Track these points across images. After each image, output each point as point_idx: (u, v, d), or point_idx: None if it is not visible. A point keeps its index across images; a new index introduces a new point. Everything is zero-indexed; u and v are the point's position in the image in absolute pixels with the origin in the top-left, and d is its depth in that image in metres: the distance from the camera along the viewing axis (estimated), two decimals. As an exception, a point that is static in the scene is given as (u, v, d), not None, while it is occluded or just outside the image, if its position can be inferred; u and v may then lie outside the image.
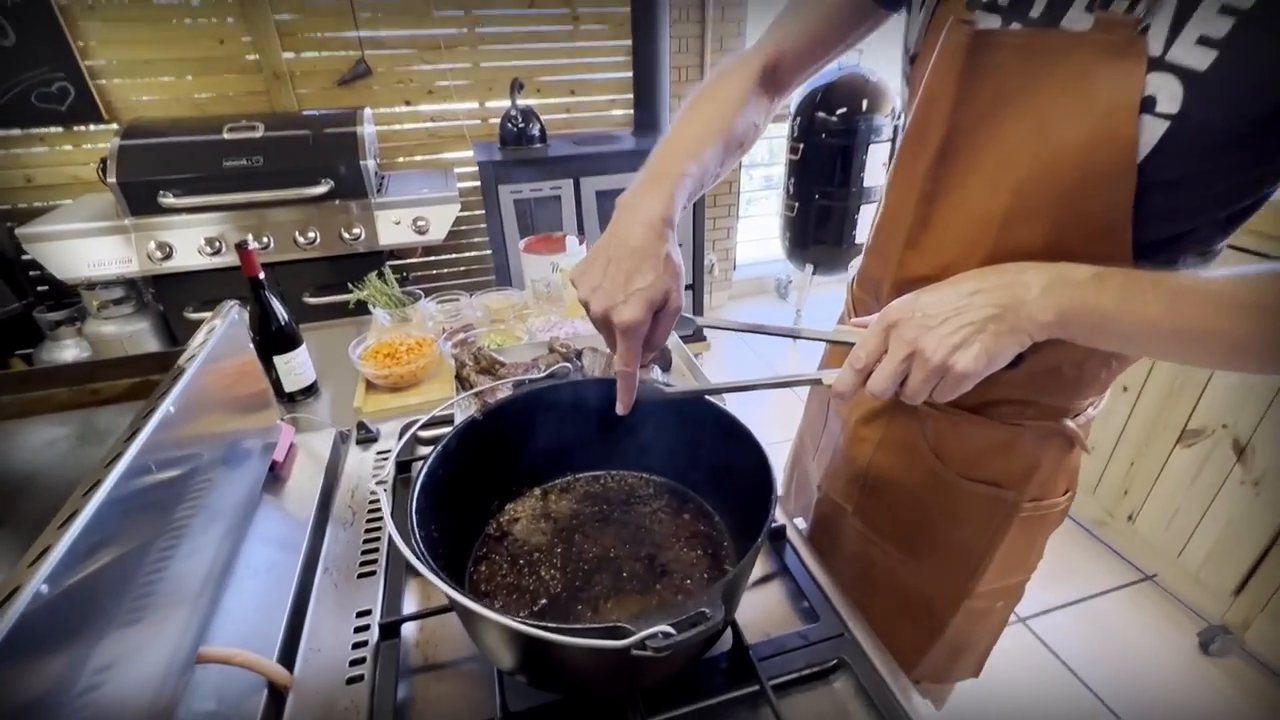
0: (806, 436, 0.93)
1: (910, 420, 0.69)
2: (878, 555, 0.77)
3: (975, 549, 0.70)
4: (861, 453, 0.75)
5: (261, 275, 1.03)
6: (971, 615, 0.75)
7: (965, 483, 0.66)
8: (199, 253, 1.94)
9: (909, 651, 0.79)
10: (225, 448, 0.68)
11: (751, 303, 3.49)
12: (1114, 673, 1.46)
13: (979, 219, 0.55)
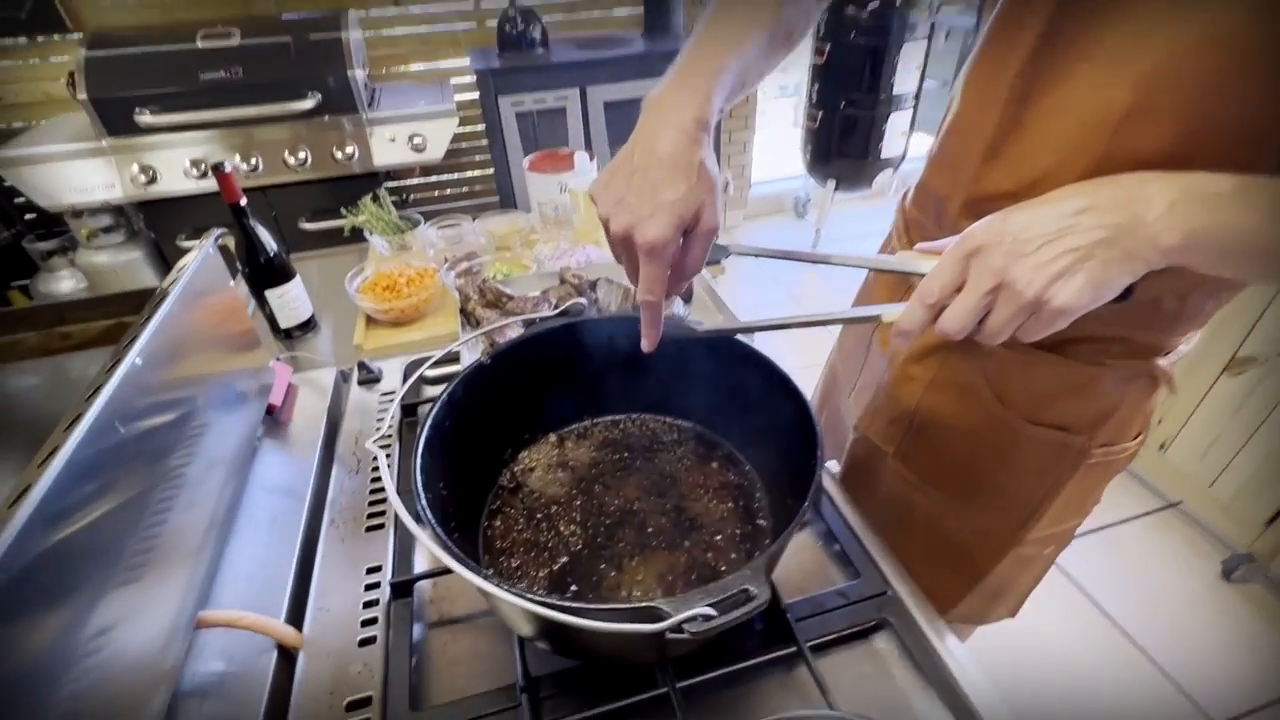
0: (840, 372, 0.86)
1: (969, 358, 0.61)
2: (919, 500, 0.72)
3: (1032, 497, 0.64)
4: (909, 393, 0.68)
5: (244, 201, 0.94)
6: (1017, 561, 0.71)
7: (1029, 427, 0.59)
8: (185, 176, 1.83)
9: (945, 595, 0.76)
10: (213, 393, 0.63)
11: (768, 222, 3.34)
12: (1132, 599, 1.46)
13: (1087, 121, 0.45)
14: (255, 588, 0.61)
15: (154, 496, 0.51)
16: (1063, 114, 0.47)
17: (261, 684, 0.53)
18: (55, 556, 0.39)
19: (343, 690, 0.52)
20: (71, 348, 0.63)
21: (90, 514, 0.43)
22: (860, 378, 0.78)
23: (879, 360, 0.73)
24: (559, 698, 0.51)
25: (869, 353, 0.76)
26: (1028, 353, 0.56)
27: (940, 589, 0.75)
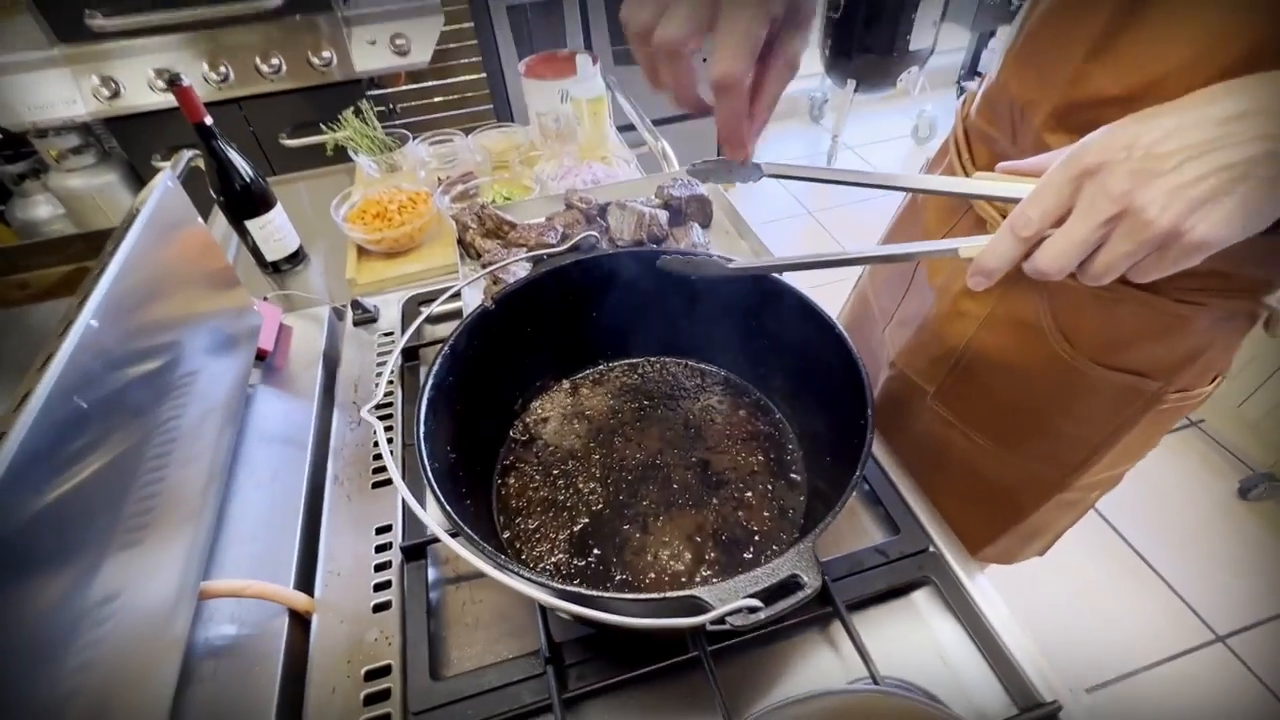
0: (875, 302, 0.79)
1: (1033, 294, 0.54)
2: (956, 442, 0.68)
3: (1087, 444, 0.59)
4: (958, 330, 0.61)
5: (209, 120, 0.84)
6: (1059, 506, 0.67)
7: (1098, 370, 0.53)
8: (151, 88, 1.67)
9: (977, 536, 0.73)
10: (193, 340, 0.57)
11: (780, 128, 3.13)
12: (1145, 516, 1.46)
13: (1235, 5, 0.36)
14: (260, 548, 0.58)
15: (143, 456, 0.47)
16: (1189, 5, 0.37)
17: (276, 650, 0.51)
18: (37, 528, 0.35)
19: (360, 659, 0.50)
20: (31, 299, 0.57)
21: (66, 486, 0.38)
22: (900, 310, 0.72)
23: (925, 292, 0.66)
24: (585, 664, 0.49)
25: (912, 283, 0.69)
26: (1109, 289, 0.49)
27: (972, 530, 0.72)
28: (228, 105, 1.74)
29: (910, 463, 0.74)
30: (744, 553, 0.52)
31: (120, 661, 0.40)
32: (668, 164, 1.05)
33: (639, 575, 0.50)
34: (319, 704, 0.48)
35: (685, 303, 0.63)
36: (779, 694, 0.48)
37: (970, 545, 0.74)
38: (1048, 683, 0.46)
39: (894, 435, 0.75)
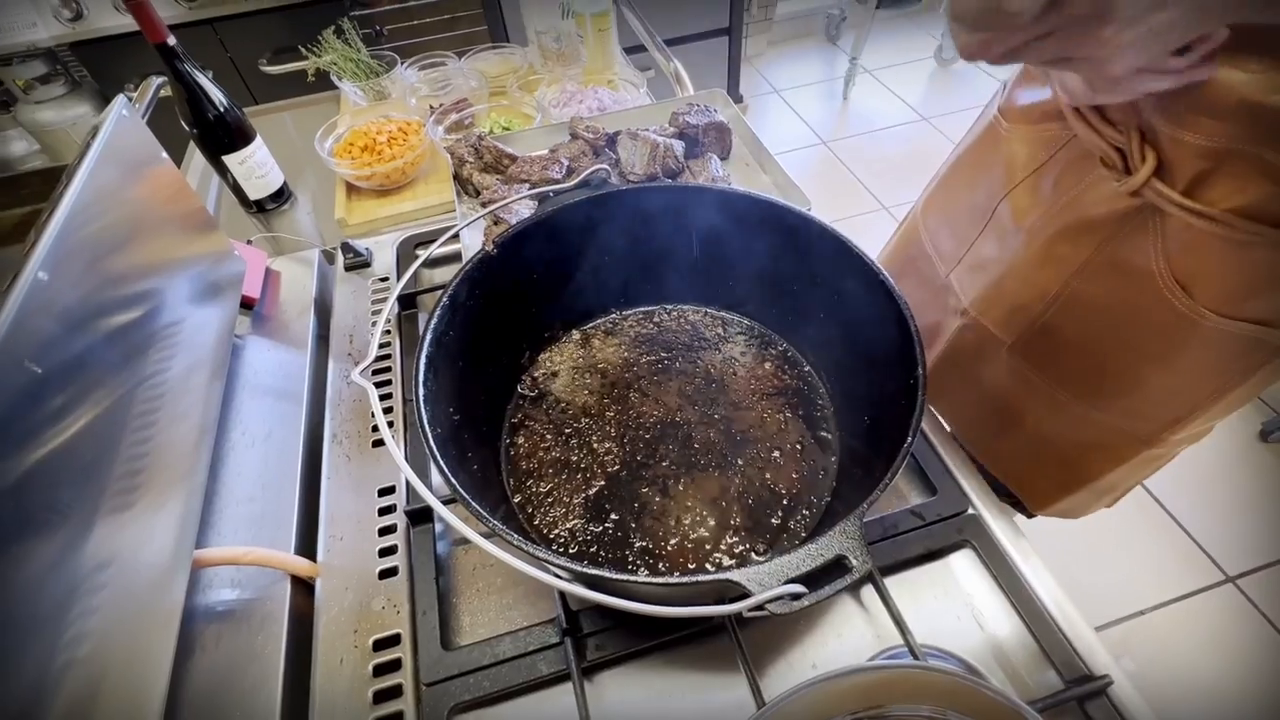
0: (932, 245, 0.71)
1: (1144, 236, 0.48)
2: (1033, 398, 0.62)
3: (1190, 399, 0.54)
4: (1051, 276, 0.55)
5: (172, 41, 0.76)
6: (1144, 461, 0.61)
7: (1217, 320, 0.48)
8: (116, 9, 1.55)
9: (1044, 494, 0.70)
10: (167, 290, 0.52)
11: (796, 49, 2.92)
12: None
13: None
14: (258, 509, 0.55)
15: (124, 418, 0.44)
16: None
17: (280, 616, 0.49)
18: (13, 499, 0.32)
19: (368, 628, 0.47)
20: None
21: (36, 455, 0.35)
22: (971, 253, 0.65)
23: (1010, 233, 0.59)
24: (604, 633, 0.46)
25: (989, 222, 0.62)
26: (1248, 233, 0.43)
27: (1039, 488, 0.69)
28: (200, 27, 1.62)
29: (975, 418, 0.70)
30: (772, 518, 0.48)
31: (115, 631, 0.38)
32: (681, 88, 0.96)
33: (660, 543, 0.47)
34: (327, 675, 0.45)
35: (704, 245, 0.57)
36: (808, 663, 0.46)
37: (1035, 503, 0.71)
38: (1094, 654, 0.44)
39: (959, 389, 0.71)
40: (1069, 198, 0.51)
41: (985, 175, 0.61)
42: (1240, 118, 0.39)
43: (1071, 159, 0.51)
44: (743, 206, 0.54)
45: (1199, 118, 0.41)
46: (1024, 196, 0.56)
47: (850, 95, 2.59)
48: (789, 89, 2.70)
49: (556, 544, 0.48)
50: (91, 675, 0.35)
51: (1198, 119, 0.41)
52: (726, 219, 0.55)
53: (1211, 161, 0.42)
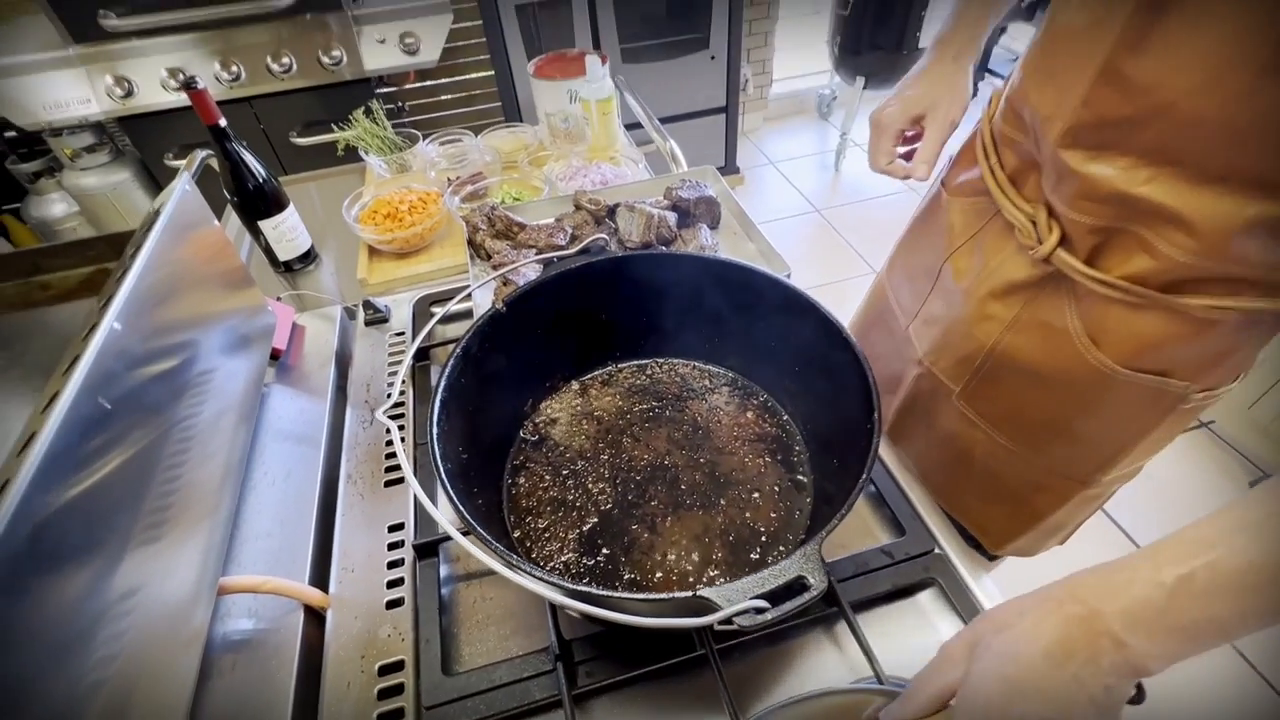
0: (895, 298, 0.79)
1: (1059, 298, 0.55)
2: (980, 441, 0.68)
3: (1114, 443, 0.60)
4: (985, 331, 0.62)
5: (224, 122, 0.85)
6: (1082, 501, 0.67)
7: (1125, 373, 0.54)
8: (164, 88, 1.69)
9: (999, 534, 0.74)
10: (208, 340, 0.58)
11: (790, 124, 3.11)
12: (1152, 516, 1.46)
13: (1239, 35, 0.36)
14: (276, 545, 0.59)
15: (161, 454, 0.48)
16: (1208, 25, 0.38)
17: (292, 645, 0.52)
18: (64, 524, 0.36)
19: (374, 655, 0.51)
20: (53, 299, 0.58)
21: (90, 483, 0.40)
22: (925, 308, 0.72)
23: (952, 292, 0.66)
24: (594, 661, 0.49)
25: (937, 281, 0.69)
26: (1139, 297, 0.49)
27: (994, 528, 0.74)
28: (239, 104, 1.76)
29: (935, 461, 0.75)
30: (751, 553, 0.52)
31: (143, 654, 0.42)
32: (676, 164, 1.06)
33: (647, 574, 0.51)
34: (334, 698, 0.49)
35: (693, 305, 0.63)
36: (784, 693, 0.49)
37: (992, 542, 0.75)
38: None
39: (920, 433, 0.76)
40: (997, 262, 0.59)
41: (932, 239, 0.69)
42: (1114, 203, 0.46)
43: (998, 228, 0.59)
44: (726, 272, 0.60)
45: (1084, 202, 0.48)
46: (962, 259, 0.63)
47: (841, 167, 2.75)
48: (784, 161, 2.87)
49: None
50: (121, 694, 0.39)
51: (1084, 203, 0.48)
52: (712, 283, 0.62)
53: (1101, 236, 0.49)
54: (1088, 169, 0.46)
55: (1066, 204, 0.50)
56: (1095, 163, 0.46)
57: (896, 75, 2.46)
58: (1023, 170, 0.55)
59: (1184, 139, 0.41)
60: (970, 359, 0.64)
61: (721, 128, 2.35)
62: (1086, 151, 0.46)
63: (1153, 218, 0.45)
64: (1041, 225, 0.53)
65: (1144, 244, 0.47)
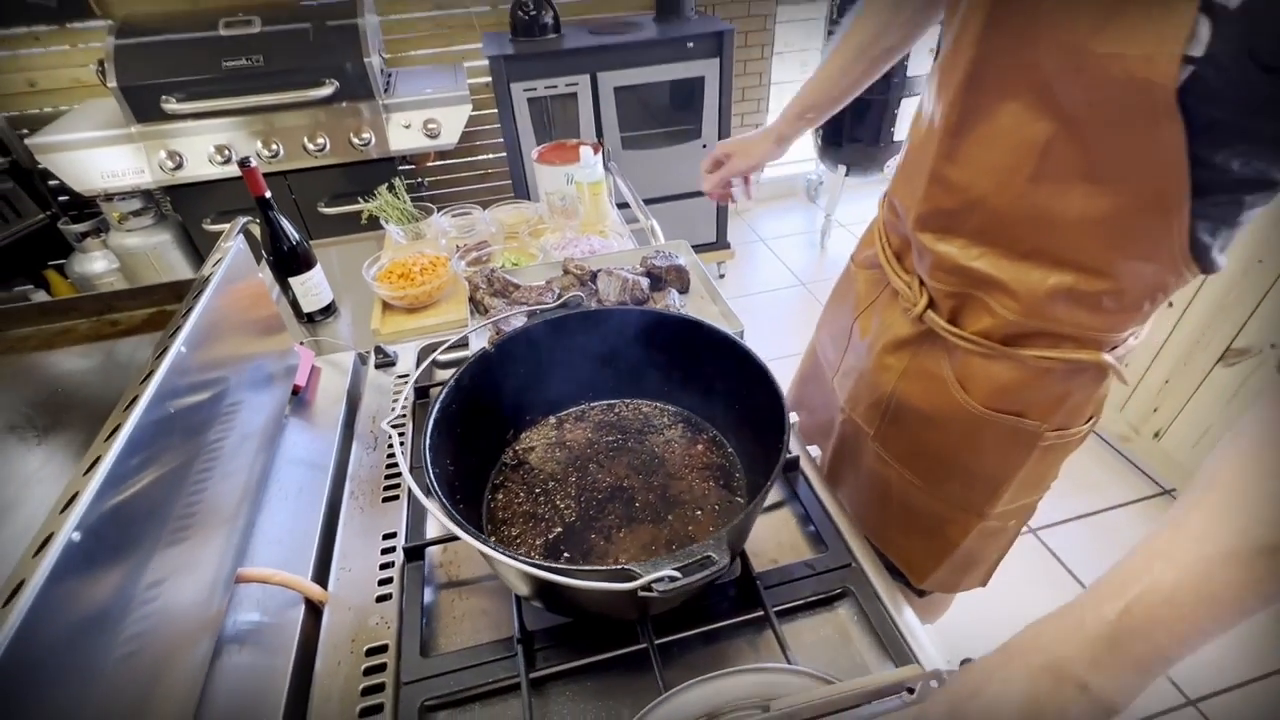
0: (823, 356, 0.91)
1: (936, 351, 0.67)
2: (894, 478, 0.78)
3: (994, 477, 0.70)
4: (885, 380, 0.73)
5: (268, 194, 1.00)
6: (983, 535, 0.76)
7: (989, 414, 0.64)
8: (210, 162, 1.90)
9: (921, 566, 0.83)
10: (244, 374, 0.69)
11: (779, 206, 3.34)
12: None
13: (1017, 148, 0.50)
14: (285, 550, 0.68)
15: (196, 467, 0.58)
16: (992, 141, 0.52)
17: (291, 633, 0.60)
18: (119, 517, 0.45)
19: (363, 639, 0.59)
20: (119, 334, 0.70)
21: (145, 481, 0.49)
22: (844, 361, 0.84)
23: (859, 347, 0.78)
24: (551, 649, 0.58)
25: (850, 339, 0.81)
26: (985, 347, 0.61)
27: (916, 560, 0.82)
28: (275, 177, 1.96)
29: (863, 500, 0.85)
30: (690, 560, 0.61)
31: (169, 632, 0.50)
32: (655, 238, 1.20)
33: (600, 575, 0.60)
34: (327, 674, 0.57)
35: (657, 353, 0.75)
36: (714, 681, 0.56)
37: (915, 575, 0.83)
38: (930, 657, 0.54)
39: (850, 476, 0.87)
40: (889, 320, 0.71)
41: (845, 305, 0.82)
42: (958, 274, 0.59)
43: (890, 294, 0.71)
44: (682, 326, 0.72)
45: (939, 272, 0.61)
46: (866, 320, 0.76)
47: (826, 245, 2.94)
48: (773, 239, 3.07)
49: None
50: (149, 665, 0.46)
51: (939, 273, 0.61)
52: (672, 335, 0.73)
53: (956, 300, 0.61)
54: (936, 247, 0.60)
55: (927, 274, 0.63)
56: (941, 243, 0.59)
57: (875, 164, 2.69)
58: (903, 248, 0.69)
59: (996, 225, 0.55)
60: (878, 404, 0.75)
61: (713, 207, 2.55)
62: (933, 234, 0.60)
63: (987, 285, 0.58)
64: (915, 291, 0.65)
65: (985, 306, 0.59)
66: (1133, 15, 0.40)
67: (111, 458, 0.44)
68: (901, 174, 0.65)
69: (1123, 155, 0.46)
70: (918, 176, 0.59)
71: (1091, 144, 0.47)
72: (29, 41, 2.08)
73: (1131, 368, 1.63)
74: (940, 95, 0.55)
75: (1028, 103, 0.48)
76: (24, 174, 2.10)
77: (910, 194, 0.61)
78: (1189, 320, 1.46)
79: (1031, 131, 0.49)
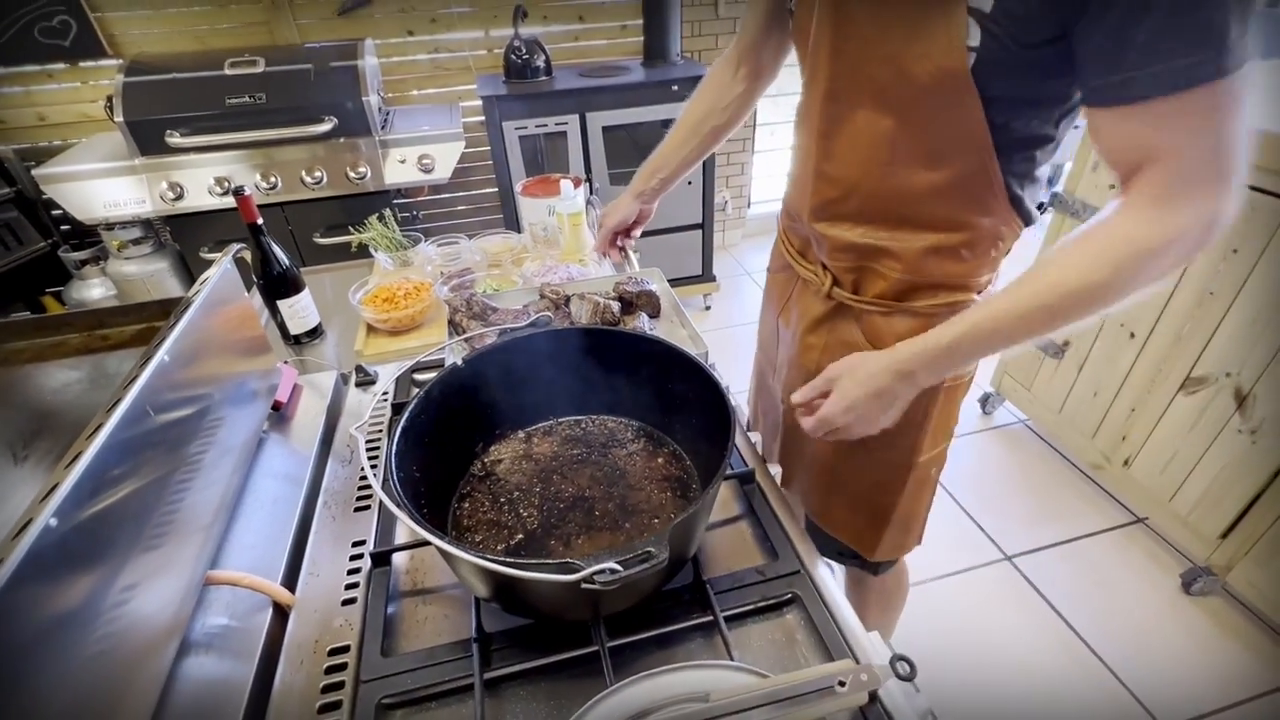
0: (764, 360, 1.02)
1: (847, 321, 0.79)
2: (833, 452, 0.87)
3: (912, 423, 0.80)
4: (810, 358, 0.84)
5: (260, 221, 1.06)
6: (916, 486, 0.87)
7: None
8: (209, 193, 1.96)
9: (869, 536, 0.92)
10: (226, 390, 0.73)
11: (765, 240, 3.43)
12: (1096, 610, 1.51)
13: (872, 142, 0.65)
14: (257, 555, 0.71)
15: (174, 477, 0.61)
16: (854, 140, 0.66)
17: (258, 636, 0.62)
18: (95, 519, 0.48)
19: (326, 640, 0.61)
20: (109, 348, 0.74)
21: (123, 482, 0.52)
22: (778, 356, 0.95)
23: (786, 338, 0.90)
24: (507, 649, 0.60)
25: (779, 335, 0.93)
26: (886, 307, 0.75)
27: (865, 532, 0.92)
28: (273, 208, 2.03)
29: (810, 485, 0.94)
30: (644, 565, 0.64)
31: (137, 632, 0.51)
32: (631, 266, 1.25)
33: (557, 579, 0.62)
34: (289, 674, 0.58)
35: (621, 370, 0.79)
36: (663, 681, 0.58)
37: (866, 548, 0.93)
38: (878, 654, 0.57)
39: (798, 464, 0.95)
40: (804, 307, 0.85)
41: (770, 309, 0.97)
42: (851, 251, 0.73)
43: (801, 286, 0.85)
44: (644, 345, 0.76)
45: (836, 253, 0.74)
46: (786, 314, 0.90)
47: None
48: (759, 271, 3.14)
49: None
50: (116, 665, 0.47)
51: (836, 254, 0.74)
52: (634, 353, 0.77)
53: (855, 274, 0.74)
54: (830, 232, 0.74)
55: (828, 257, 0.77)
56: (833, 228, 0.73)
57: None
58: (804, 245, 0.83)
59: (870, 204, 0.69)
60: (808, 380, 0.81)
61: (699, 242, 2.62)
62: (826, 222, 0.74)
63: (874, 254, 0.72)
64: (821, 274, 0.79)
65: (877, 273, 0.73)
66: (929, 26, 0.56)
67: (91, 453, 0.47)
68: (794, 186, 0.79)
69: (945, 134, 0.61)
70: (805, 180, 0.74)
71: (923, 130, 0.62)
72: (42, 79, 2.17)
73: (1099, 396, 1.67)
74: (807, 116, 0.71)
75: (873, 106, 0.63)
76: (28, 204, 2.16)
77: (801, 196, 0.76)
78: (1150, 351, 1.51)
79: (880, 128, 0.64)
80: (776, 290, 0.93)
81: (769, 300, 0.97)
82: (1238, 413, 1.34)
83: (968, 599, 1.56)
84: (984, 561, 1.64)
